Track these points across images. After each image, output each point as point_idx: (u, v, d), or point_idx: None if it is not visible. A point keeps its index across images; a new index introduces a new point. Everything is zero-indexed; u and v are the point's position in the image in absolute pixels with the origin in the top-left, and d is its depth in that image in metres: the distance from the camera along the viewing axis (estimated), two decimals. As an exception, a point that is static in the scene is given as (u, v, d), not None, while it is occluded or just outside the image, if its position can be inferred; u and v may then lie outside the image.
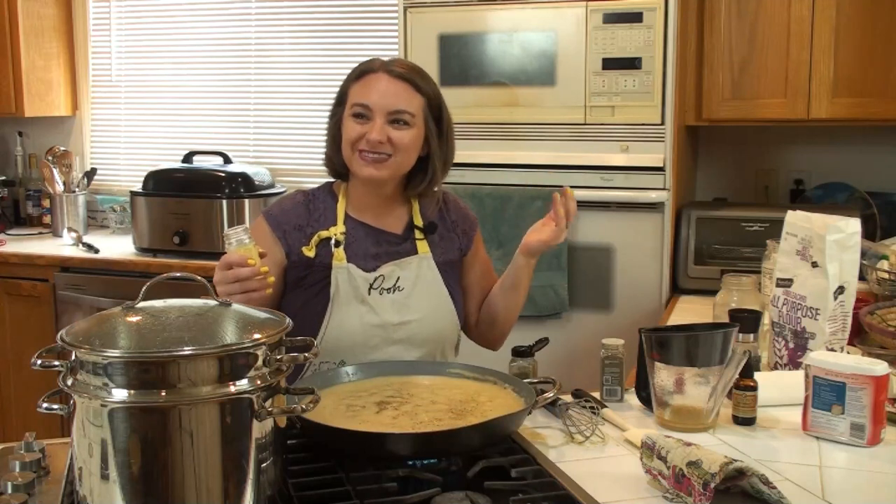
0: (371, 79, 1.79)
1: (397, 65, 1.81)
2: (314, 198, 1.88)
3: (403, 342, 1.81)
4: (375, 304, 1.79)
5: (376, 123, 1.76)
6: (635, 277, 2.84)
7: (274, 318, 1.24)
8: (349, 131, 1.78)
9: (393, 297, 1.81)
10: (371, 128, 1.76)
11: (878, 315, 2.05)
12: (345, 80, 1.85)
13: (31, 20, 3.96)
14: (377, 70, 1.79)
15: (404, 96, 1.78)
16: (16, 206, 4.34)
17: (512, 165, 2.92)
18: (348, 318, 1.78)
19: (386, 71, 1.79)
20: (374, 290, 1.79)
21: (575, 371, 2.61)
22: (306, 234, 1.82)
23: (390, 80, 1.78)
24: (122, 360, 1.09)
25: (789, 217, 1.89)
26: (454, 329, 1.91)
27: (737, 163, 3.36)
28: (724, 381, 1.55)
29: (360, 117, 1.78)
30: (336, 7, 3.84)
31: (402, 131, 1.77)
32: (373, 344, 1.79)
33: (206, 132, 4.08)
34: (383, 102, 1.76)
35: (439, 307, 1.86)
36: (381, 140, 1.75)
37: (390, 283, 1.81)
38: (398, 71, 1.79)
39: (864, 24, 2.77)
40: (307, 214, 1.84)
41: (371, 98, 1.77)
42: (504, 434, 1.42)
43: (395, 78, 1.78)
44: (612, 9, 2.76)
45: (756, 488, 1.26)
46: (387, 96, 1.77)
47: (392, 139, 1.76)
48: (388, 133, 1.76)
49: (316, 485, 1.28)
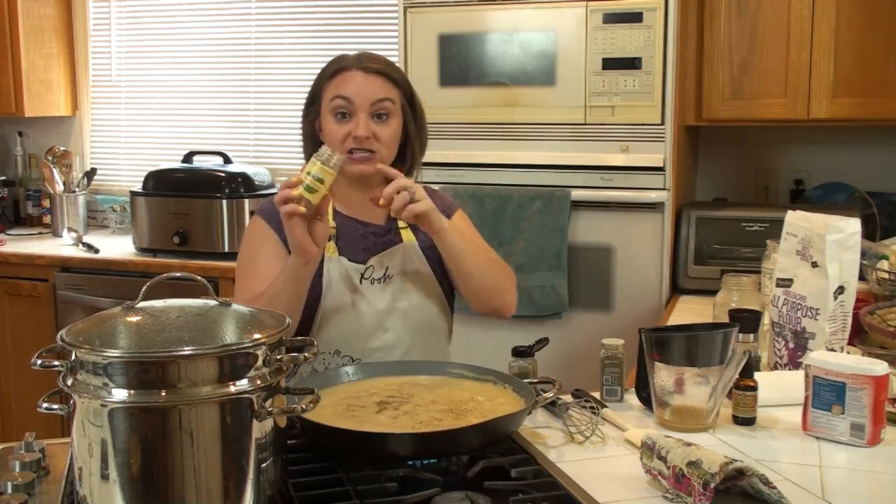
0: (347, 76, 1.80)
1: (369, 60, 1.82)
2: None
3: (396, 329, 1.83)
4: (367, 292, 1.82)
5: (360, 119, 1.78)
6: (635, 277, 2.84)
7: (274, 318, 1.24)
8: (333, 131, 1.80)
9: (383, 286, 1.84)
10: (356, 124, 1.78)
11: (878, 315, 2.05)
12: (317, 80, 1.86)
13: (31, 20, 3.96)
14: (351, 67, 1.80)
15: (383, 88, 1.80)
16: (16, 206, 4.34)
17: (512, 165, 2.92)
18: (342, 308, 1.80)
19: (360, 68, 1.80)
20: (364, 280, 1.83)
21: (575, 371, 2.61)
22: None
23: (366, 76, 1.80)
24: (122, 360, 1.09)
25: (789, 217, 1.89)
26: (445, 314, 1.93)
27: (737, 163, 3.36)
28: (724, 381, 1.55)
29: (342, 116, 1.79)
30: (336, 7, 3.84)
31: (385, 125, 1.80)
32: (367, 332, 1.81)
33: (206, 132, 4.08)
34: (364, 95, 1.78)
35: (428, 292, 1.88)
36: (367, 136, 1.77)
37: (380, 274, 1.83)
38: (373, 67, 1.81)
39: (864, 24, 2.77)
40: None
41: (350, 91, 1.78)
42: (504, 434, 1.42)
43: (370, 73, 1.80)
44: (612, 9, 2.76)
45: (756, 488, 1.26)
46: (366, 89, 1.78)
47: (377, 134, 1.79)
48: (372, 128, 1.78)
49: (316, 485, 1.28)
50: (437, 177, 2.94)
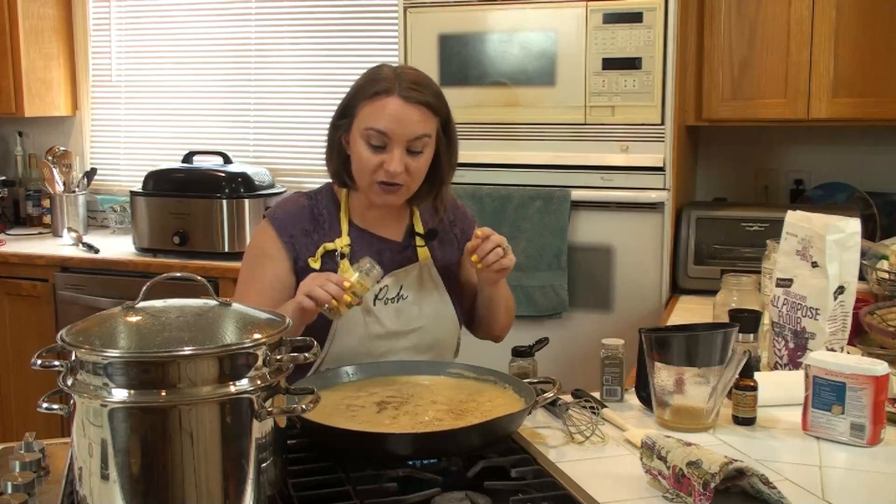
0: (386, 104, 1.70)
1: (411, 85, 1.72)
2: (317, 202, 1.86)
3: (408, 350, 1.81)
4: (380, 314, 1.78)
5: (395, 155, 1.71)
6: (635, 277, 2.84)
7: (274, 318, 1.24)
8: (365, 160, 1.73)
9: (397, 307, 1.80)
10: (390, 159, 1.71)
11: (878, 315, 2.05)
12: (353, 93, 1.77)
13: (31, 20, 3.96)
14: (392, 92, 1.71)
15: (422, 122, 1.72)
16: (16, 206, 4.35)
17: (512, 165, 2.92)
18: (354, 329, 1.77)
19: (401, 96, 1.70)
20: (378, 301, 1.79)
21: (575, 371, 2.61)
22: (314, 241, 1.80)
23: (406, 106, 1.71)
24: (122, 360, 1.09)
25: (789, 217, 1.89)
26: (455, 334, 1.91)
27: (737, 163, 3.36)
28: (724, 381, 1.55)
29: (376, 147, 1.72)
30: (336, 7, 3.84)
31: (419, 159, 1.74)
32: (377, 353, 1.78)
33: (206, 132, 4.08)
34: (402, 131, 1.70)
35: (442, 313, 1.85)
36: (400, 171, 1.72)
37: (394, 293, 1.80)
38: (415, 97, 1.71)
39: (864, 24, 2.77)
40: (312, 220, 1.83)
41: (388, 126, 1.70)
42: (504, 434, 1.42)
43: (411, 104, 1.71)
44: (612, 9, 2.76)
45: (756, 488, 1.26)
46: (405, 124, 1.70)
47: (409, 169, 1.73)
48: (406, 163, 1.73)
49: (316, 485, 1.28)
50: (437, 177, 2.94)
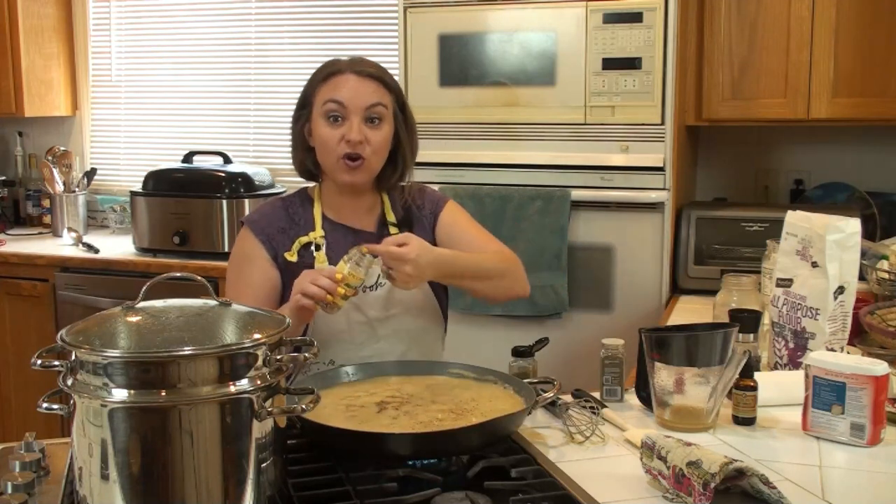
0: (340, 79, 1.79)
1: (363, 64, 1.81)
2: (291, 203, 1.90)
3: (389, 337, 1.83)
4: (360, 301, 1.80)
5: (353, 123, 1.77)
6: (635, 277, 2.84)
7: (274, 318, 1.24)
8: (326, 136, 1.79)
9: (376, 294, 1.82)
10: (349, 128, 1.77)
11: (878, 315, 2.05)
12: (309, 84, 1.84)
13: (31, 20, 3.96)
14: (344, 71, 1.79)
15: (376, 92, 1.79)
16: (16, 206, 4.35)
17: (512, 165, 2.92)
18: (334, 317, 1.78)
19: (354, 71, 1.79)
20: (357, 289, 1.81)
21: (575, 371, 2.61)
22: (290, 237, 1.84)
23: (360, 80, 1.79)
24: (122, 360, 1.09)
25: (789, 217, 1.89)
26: (438, 319, 1.93)
27: (737, 163, 3.36)
28: (724, 381, 1.55)
29: (335, 119, 1.78)
30: (336, 7, 3.84)
31: (377, 130, 1.79)
32: (359, 341, 1.81)
33: (206, 132, 4.08)
34: (358, 101, 1.77)
35: (421, 298, 1.87)
36: (360, 139, 1.76)
37: (371, 281, 1.81)
38: (367, 70, 1.80)
39: (864, 25, 2.77)
40: (287, 218, 1.87)
41: (345, 95, 1.77)
42: (504, 434, 1.42)
43: (364, 77, 1.79)
44: (612, 9, 2.76)
45: (756, 488, 1.26)
46: (360, 93, 1.78)
47: (368, 139, 1.78)
48: (365, 133, 1.77)
49: (316, 485, 1.28)
50: (437, 177, 2.94)
